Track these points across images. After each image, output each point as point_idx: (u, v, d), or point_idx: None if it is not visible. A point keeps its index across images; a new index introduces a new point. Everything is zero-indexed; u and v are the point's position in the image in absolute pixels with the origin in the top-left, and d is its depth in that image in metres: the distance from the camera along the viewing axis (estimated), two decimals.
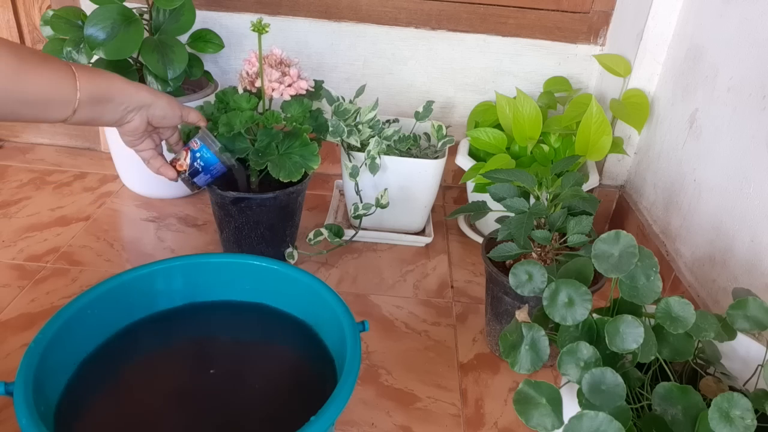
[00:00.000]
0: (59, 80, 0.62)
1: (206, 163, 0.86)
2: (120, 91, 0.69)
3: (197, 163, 0.86)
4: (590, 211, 0.78)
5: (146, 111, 0.74)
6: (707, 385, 0.57)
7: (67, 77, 0.62)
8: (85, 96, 0.64)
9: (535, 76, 1.31)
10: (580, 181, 0.82)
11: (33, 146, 1.42)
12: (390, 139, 1.07)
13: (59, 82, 0.62)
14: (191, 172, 0.86)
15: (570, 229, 0.75)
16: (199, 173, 0.87)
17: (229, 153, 0.89)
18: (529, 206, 0.78)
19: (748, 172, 0.83)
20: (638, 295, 0.54)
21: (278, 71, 0.96)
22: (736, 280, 0.83)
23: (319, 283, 0.72)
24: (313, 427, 0.52)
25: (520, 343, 0.55)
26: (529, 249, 0.78)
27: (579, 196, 0.78)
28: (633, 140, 1.17)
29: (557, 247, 0.80)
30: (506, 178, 0.81)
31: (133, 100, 0.71)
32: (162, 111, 0.76)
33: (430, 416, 0.79)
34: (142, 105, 0.73)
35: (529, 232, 0.76)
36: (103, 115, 0.69)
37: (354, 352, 0.60)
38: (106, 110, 0.69)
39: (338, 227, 1.08)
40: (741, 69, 0.87)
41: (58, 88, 0.62)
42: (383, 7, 1.25)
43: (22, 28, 1.35)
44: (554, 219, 0.78)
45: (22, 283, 0.97)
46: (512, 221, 0.77)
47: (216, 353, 0.71)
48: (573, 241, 0.75)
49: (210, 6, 1.26)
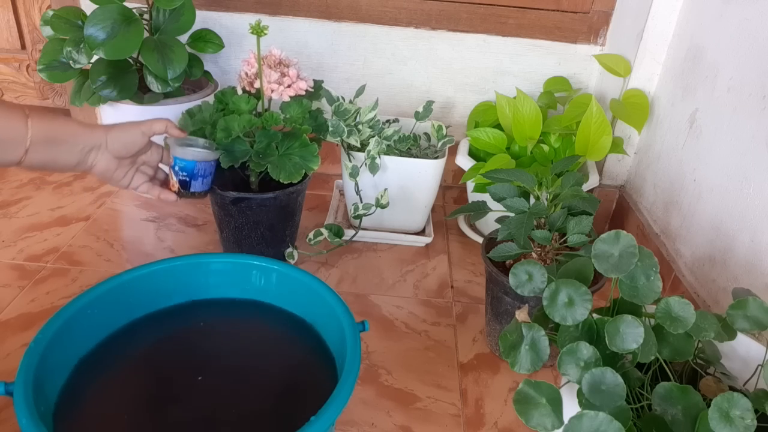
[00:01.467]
0: (10, 120, 0.63)
1: (187, 171, 0.84)
2: (73, 134, 0.69)
3: (182, 176, 0.84)
4: (590, 211, 0.78)
5: (106, 149, 0.73)
6: (707, 385, 0.57)
7: (18, 117, 0.63)
8: (37, 136, 0.64)
9: (535, 76, 1.31)
10: (581, 181, 0.82)
11: None
12: (390, 139, 1.07)
13: (10, 121, 0.63)
14: (182, 185, 0.85)
15: (570, 229, 0.75)
16: (190, 182, 0.85)
17: (203, 139, 0.86)
18: (529, 206, 0.78)
19: (748, 172, 0.83)
20: (638, 295, 0.54)
21: (277, 72, 0.95)
22: (736, 280, 0.83)
23: (319, 283, 0.72)
24: (313, 427, 0.52)
25: (520, 343, 0.55)
26: (529, 249, 0.78)
27: (579, 196, 0.78)
28: (633, 140, 1.17)
29: (557, 247, 0.80)
30: (506, 178, 0.81)
31: (88, 141, 0.71)
32: (121, 141, 0.74)
33: (430, 416, 0.79)
34: (98, 144, 0.72)
35: (529, 232, 0.76)
36: (58, 157, 0.68)
37: (354, 352, 0.60)
38: (61, 152, 0.68)
39: (338, 227, 1.08)
40: (741, 69, 0.87)
41: (9, 128, 0.62)
42: (383, 7, 1.25)
43: (22, 28, 1.35)
44: (554, 219, 0.78)
45: (22, 283, 0.97)
46: (512, 221, 0.77)
47: (216, 353, 0.71)
48: (573, 241, 0.75)
49: (210, 6, 1.26)
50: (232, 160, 0.89)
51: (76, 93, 1.12)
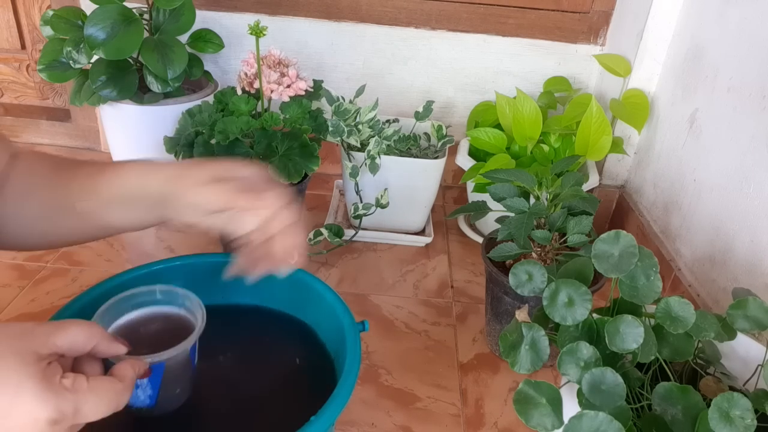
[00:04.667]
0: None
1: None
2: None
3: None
4: (590, 211, 0.78)
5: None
6: (707, 385, 0.57)
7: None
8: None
9: (535, 76, 1.31)
10: (581, 181, 0.82)
11: (33, 146, 1.42)
12: (390, 139, 1.07)
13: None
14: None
15: (570, 229, 0.75)
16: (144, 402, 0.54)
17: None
18: (529, 206, 0.78)
19: (748, 172, 0.83)
20: (638, 295, 0.54)
21: (277, 72, 0.95)
22: (736, 280, 0.83)
23: (319, 283, 0.72)
24: (313, 427, 0.51)
25: (520, 343, 0.55)
26: (529, 249, 0.77)
27: (579, 196, 0.78)
28: (633, 140, 1.17)
29: (557, 247, 0.80)
30: (506, 178, 0.81)
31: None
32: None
33: (430, 416, 0.79)
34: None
35: (529, 232, 0.75)
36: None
37: (354, 352, 0.60)
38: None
39: (338, 227, 1.08)
40: (741, 69, 0.87)
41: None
42: (383, 7, 1.25)
43: (22, 28, 1.35)
44: (554, 219, 0.78)
45: (22, 283, 0.97)
46: (512, 221, 0.77)
47: (215, 353, 0.71)
48: (573, 241, 0.75)
49: (210, 6, 1.26)
50: None
51: (76, 93, 1.12)
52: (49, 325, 0.42)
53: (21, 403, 0.38)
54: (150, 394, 0.54)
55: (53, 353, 0.41)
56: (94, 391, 0.41)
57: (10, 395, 0.37)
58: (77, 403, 0.40)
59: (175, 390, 0.57)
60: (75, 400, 0.40)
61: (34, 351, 0.39)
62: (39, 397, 0.38)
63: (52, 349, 0.41)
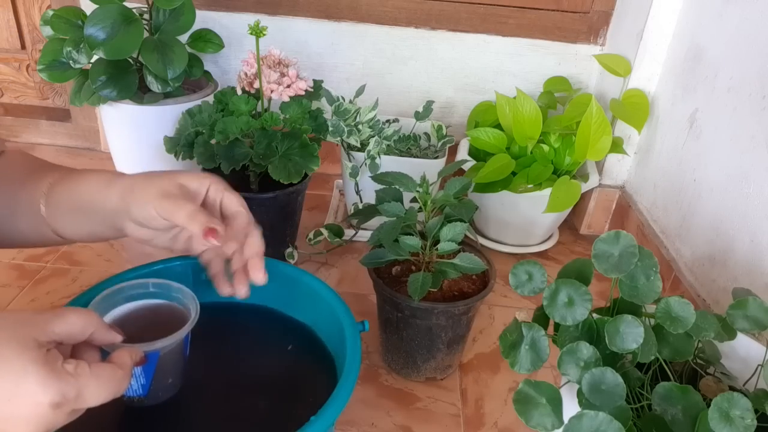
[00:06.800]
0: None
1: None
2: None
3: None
4: (464, 219, 0.74)
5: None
6: (707, 385, 0.57)
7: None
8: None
9: (535, 76, 1.31)
10: (467, 186, 0.79)
11: (33, 146, 1.42)
12: (390, 139, 1.07)
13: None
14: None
15: (443, 236, 0.73)
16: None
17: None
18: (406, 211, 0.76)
19: (748, 172, 0.83)
20: (638, 295, 0.54)
21: (276, 72, 0.95)
22: (736, 280, 0.83)
23: (319, 282, 0.72)
24: (313, 427, 0.51)
25: (520, 342, 0.55)
26: (404, 255, 0.74)
27: (449, 203, 0.75)
28: (633, 140, 1.17)
29: (434, 253, 0.77)
30: (391, 181, 0.78)
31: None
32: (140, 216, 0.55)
33: (430, 416, 0.79)
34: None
35: (395, 237, 0.72)
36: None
37: (354, 352, 0.60)
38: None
39: (338, 227, 1.07)
40: (741, 69, 0.87)
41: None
42: (383, 7, 1.25)
43: (22, 28, 1.35)
44: (431, 226, 0.75)
45: (22, 283, 0.97)
46: (384, 226, 0.74)
47: (215, 352, 0.71)
48: (443, 249, 0.73)
49: (210, 6, 1.26)
50: (233, 163, 0.89)
51: (76, 93, 1.12)
52: (48, 313, 0.43)
53: (24, 387, 0.38)
54: (143, 383, 0.54)
55: (52, 340, 0.42)
56: (96, 377, 0.42)
57: (13, 380, 0.38)
58: (79, 388, 0.41)
59: (167, 380, 0.57)
60: (77, 385, 0.41)
61: (34, 338, 0.40)
62: (42, 381, 0.39)
63: (50, 336, 0.42)
